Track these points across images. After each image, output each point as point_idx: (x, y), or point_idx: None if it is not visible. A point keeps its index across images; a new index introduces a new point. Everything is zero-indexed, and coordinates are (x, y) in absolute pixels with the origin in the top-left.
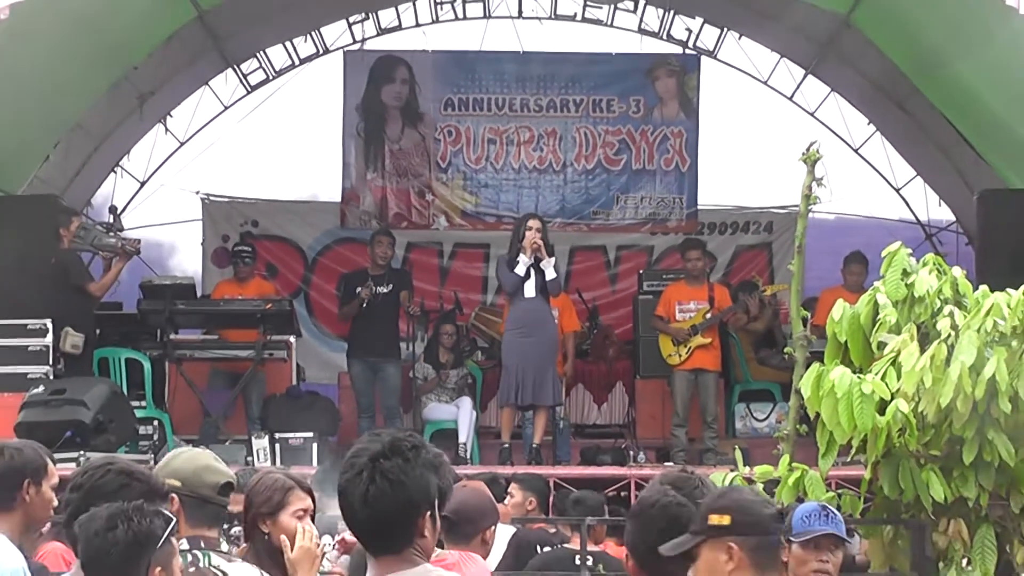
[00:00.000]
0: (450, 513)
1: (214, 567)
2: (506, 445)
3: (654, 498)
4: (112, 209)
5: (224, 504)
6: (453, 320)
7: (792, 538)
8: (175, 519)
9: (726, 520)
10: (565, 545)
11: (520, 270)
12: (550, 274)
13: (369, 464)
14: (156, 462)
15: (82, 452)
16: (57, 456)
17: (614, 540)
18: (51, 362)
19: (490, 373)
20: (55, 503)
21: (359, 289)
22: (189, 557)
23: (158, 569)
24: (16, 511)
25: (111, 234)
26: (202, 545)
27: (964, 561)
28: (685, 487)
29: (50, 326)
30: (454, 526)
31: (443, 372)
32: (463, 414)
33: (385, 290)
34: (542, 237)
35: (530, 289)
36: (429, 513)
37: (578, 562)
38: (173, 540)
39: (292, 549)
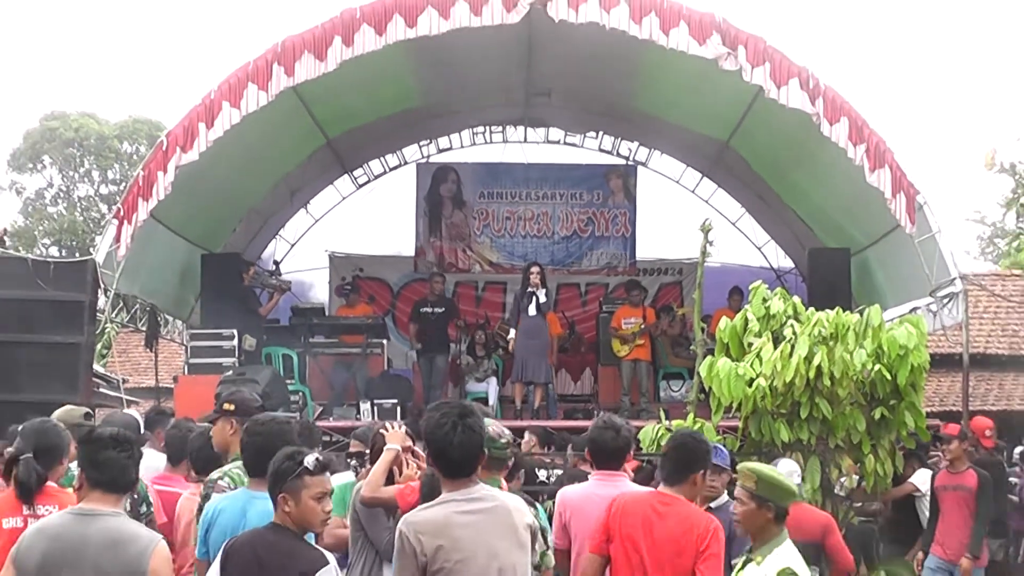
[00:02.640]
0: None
1: None
2: (518, 407)
3: (600, 422)
4: (275, 263)
5: (91, 426)
6: (484, 329)
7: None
8: (326, 460)
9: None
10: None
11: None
12: (542, 298)
13: (459, 420)
14: (301, 418)
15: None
16: None
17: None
18: (236, 356)
19: (508, 362)
20: None
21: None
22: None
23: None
24: None
25: (273, 278)
26: None
27: (800, 479)
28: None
29: (236, 334)
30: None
31: (478, 360)
32: (491, 388)
33: (440, 310)
34: (540, 276)
35: (532, 310)
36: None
37: (542, 475)
38: (306, 477)
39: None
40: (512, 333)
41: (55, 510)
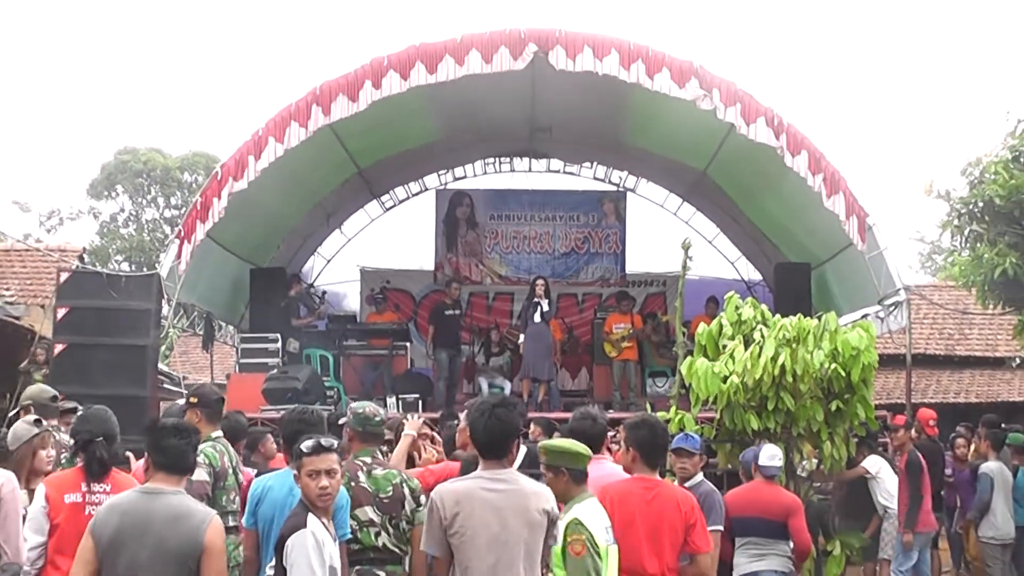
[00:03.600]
0: None
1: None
2: (525, 401)
3: (578, 413)
4: (323, 292)
5: (56, 407)
6: (497, 329)
7: (671, 449)
8: (323, 444)
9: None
10: None
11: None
12: (545, 307)
13: (490, 409)
14: (336, 410)
15: (296, 404)
16: (281, 407)
17: None
18: (280, 356)
19: (516, 361)
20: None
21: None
22: (54, 437)
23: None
24: None
25: (316, 299)
26: (63, 429)
27: (781, 462)
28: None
29: (280, 337)
30: None
31: (491, 355)
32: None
33: (458, 312)
34: (544, 288)
35: (537, 317)
36: (518, 441)
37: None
38: (303, 458)
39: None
40: (521, 338)
41: (109, 489)
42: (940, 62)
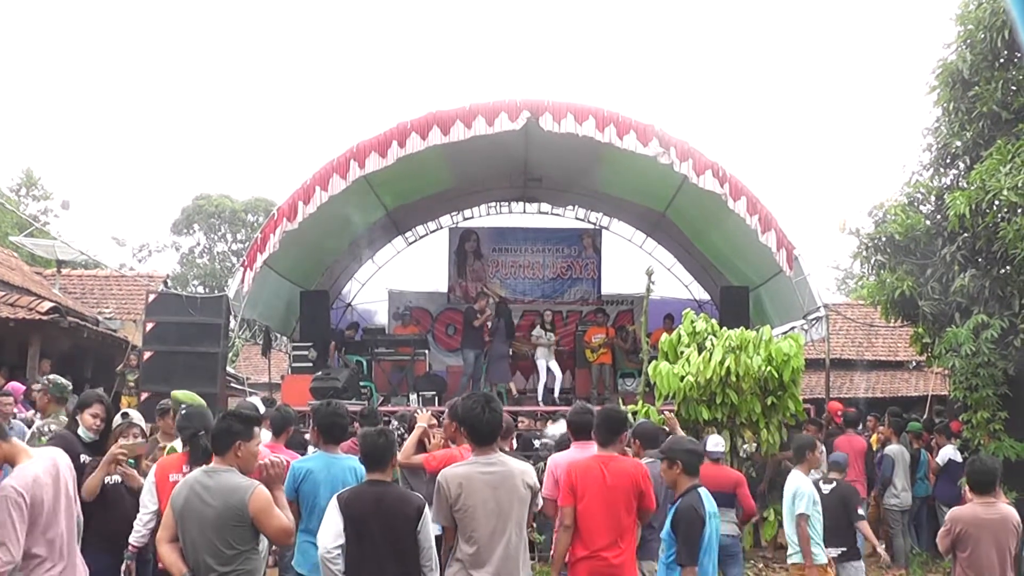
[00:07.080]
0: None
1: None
2: (516, 395)
3: (577, 407)
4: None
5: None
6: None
7: (635, 435)
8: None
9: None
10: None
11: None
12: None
13: (486, 404)
14: (369, 404)
15: (337, 400)
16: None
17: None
18: (321, 361)
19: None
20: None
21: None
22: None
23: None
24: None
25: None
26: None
27: (723, 448)
28: (586, 407)
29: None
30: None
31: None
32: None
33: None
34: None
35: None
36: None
37: (536, 444)
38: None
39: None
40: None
41: None
42: (853, 127)
